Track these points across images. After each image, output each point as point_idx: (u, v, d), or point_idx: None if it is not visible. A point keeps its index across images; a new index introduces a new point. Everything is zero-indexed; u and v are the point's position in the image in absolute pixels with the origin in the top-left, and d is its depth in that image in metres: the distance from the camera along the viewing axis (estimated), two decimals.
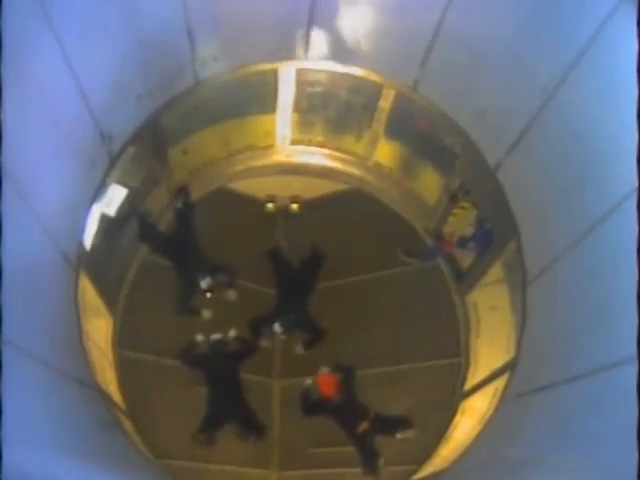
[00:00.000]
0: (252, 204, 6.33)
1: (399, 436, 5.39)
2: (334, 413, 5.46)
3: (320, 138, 6.36)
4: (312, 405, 5.53)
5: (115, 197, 5.21)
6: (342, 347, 5.81)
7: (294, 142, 6.37)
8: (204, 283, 5.77)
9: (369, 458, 5.41)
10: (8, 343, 2.96)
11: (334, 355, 5.69)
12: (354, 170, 6.44)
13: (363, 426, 5.33)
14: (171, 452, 5.39)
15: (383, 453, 5.45)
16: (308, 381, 5.58)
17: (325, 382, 5.53)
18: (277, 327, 5.74)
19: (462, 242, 5.77)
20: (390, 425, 5.43)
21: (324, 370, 5.63)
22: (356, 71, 5.46)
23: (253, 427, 5.55)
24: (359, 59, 5.33)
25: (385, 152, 6.21)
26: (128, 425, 5.06)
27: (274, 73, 5.56)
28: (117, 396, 5.20)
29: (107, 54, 4.30)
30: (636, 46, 3.00)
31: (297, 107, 6.01)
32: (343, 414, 5.43)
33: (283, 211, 6.38)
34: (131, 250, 5.82)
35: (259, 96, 5.81)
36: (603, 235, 3.69)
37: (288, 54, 5.39)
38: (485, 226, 5.49)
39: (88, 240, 4.88)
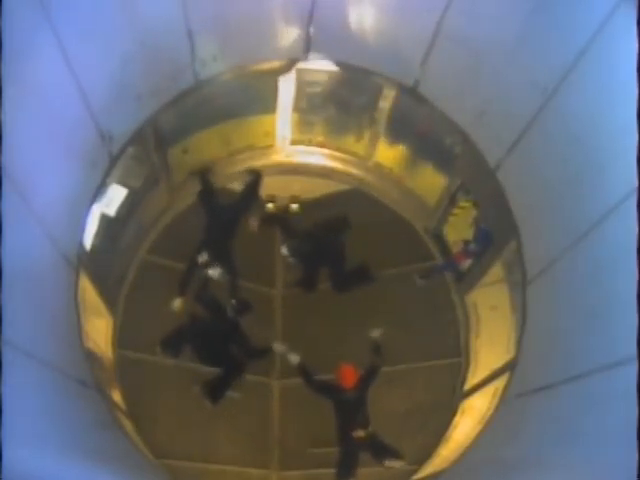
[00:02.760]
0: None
1: (387, 464, 5.24)
2: (340, 404, 5.30)
3: (320, 138, 6.36)
4: (318, 383, 5.41)
5: (115, 197, 5.21)
6: (342, 347, 5.81)
7: (294, 142, 6.38)
8: (200, 258, 5.72)
9: (349, 465, 5.30)
10: (8, 343, 2.96)
11: (333, 356, 5.68)
12: (354, 170, 6.44)
13: (359, 434, 5.19)
14: (171, 452, 5.40)
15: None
16: (295, 359, 5.50)
17: (347, 373, 5.46)
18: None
19: (467, 249, 5.76)
20: (381, 451, 5.27)
21: (377, 333, 5.57)
22: (356, 71, 5.46)
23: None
24: (359, 59, 5.33)
25: (385, 152, 6.21)
26: (128, 425, 5.06)
27: (274, 73, 5.56)
28: (117, 396, 5.20)
29: (107, 54, 4.30)
30: (636, 46, 3.00)
31: (297, 107, 6.02)
32: (347, 410, 5.33)
33: (283, 211, 6.39)
34: (131, 250, 5.83)
35: (259, 96, 5.81)
36: (603, 235, 3.68)
37: (288, 54, 5.39)
38: (485, 226, 5.50)
39: (88, 240, 4.88)
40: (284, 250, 5.76)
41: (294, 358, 5.49)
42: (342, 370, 5.41)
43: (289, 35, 5.20)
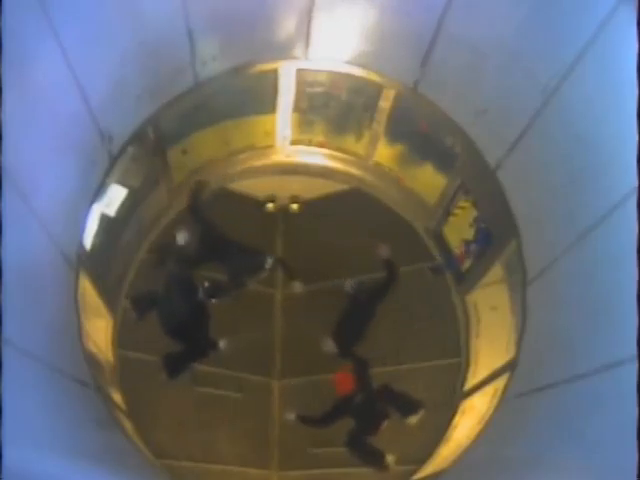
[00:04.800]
0: (252, 204, 6.33)
1: (412, 420, 5.36)
2: (355, 412, 5.36)
3: (320, 138, 6.36)
4: (326, 415, 5.44)
5: (115, 197, 5.21)
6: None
7: (294, 142, 6.37)
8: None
9: (376, 456, 5.40)
10: (8, 343, 2.96)
11: (333, 356, 5.68)
12: (354, 170, 6.44)
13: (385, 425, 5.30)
14: (171, 452, 5.40)
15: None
16: (291, 416, 5.57)
17: (342, 380, 5.45)
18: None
19: (467, 249, 5.76)
20: (403, 406, 5.41)
21: (328, 347, 5.56)
22: (356, 71, 5.46)
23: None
24: (359, 59, 5.33)
25: (385, 152, 6.21)
26: (128, 425, 5.06)
27: (274, 73, 5.56)
28: (117, 396, 5.20)
29: (107, 54, 4.30)
30: (636, 46, 3.00)
31: (297, 107, 6.01)
32: (364, 413, 5.36)
33: (283, 211, 6.39)
34: (131, 250, 5.82)
35: (259, 96, 5.81)
36: (603, 235, 3.68)
37: (288, 54, 5.39)
38: (484, 226, 5.49)
39: (88, 240, 4.88)
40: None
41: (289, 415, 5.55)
42: (337, 382, 5.44)
43: (289, 35, 5.20)
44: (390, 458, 5.38)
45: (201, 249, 5.72)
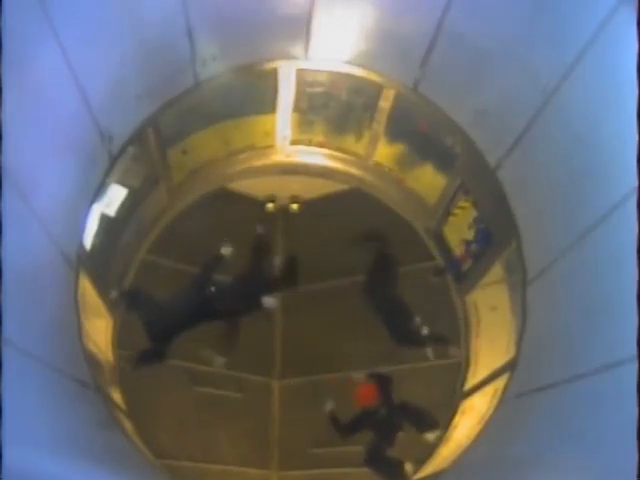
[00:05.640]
0: (252, 204, 6.33)
1: (430, 437, 5.37)
2: (377, 426, 5.39)
3: (320, 138, 6.35)
4: (350, 425, 5.43)
5: (115, 197, 5.21)
6: (343, 347, 5.81)
7: (294, 142, 6.37)
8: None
9: (396, 466, 5.40)
10: (8, 343, 2.96)
11: (334, 356, 5.68)
12: (354, 170, 6.43)
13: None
14: (171, 452, 5.40)
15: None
16: (330, 405, 5.50)
17: (366, 392, 5.46)
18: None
19: (468, 249, 5.77)
20: (419, 421, 5.43)
21: (359, 377, 5.56)
22: (356, 71, 5.46)
23: None
24: (359, 59, 5.33)
25: (385, 152, 6.21)
26: (128, 425, 5.06)
27: (274, 73, 5.56)
28: (117, 396, 5.20)
29: (107, 54, 4.30)
30: (636, 46, 3.00)
31: (297, 107, 6.01)
32: (386, 427, 5.39)
33: (283, 211, 6.39)
34: (131, 250, 5.82)
35: (259, 96, 5.81)
36: (603, 235, 3.68)
37: (288, 54, 5.39)
38: (484, 226, 5.49)
39: (88, 240, 4.88)
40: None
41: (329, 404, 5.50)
42: (360, 393, 5.43)
43: (289, 35, 5.20)
44: (409, 466, 5.36)
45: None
